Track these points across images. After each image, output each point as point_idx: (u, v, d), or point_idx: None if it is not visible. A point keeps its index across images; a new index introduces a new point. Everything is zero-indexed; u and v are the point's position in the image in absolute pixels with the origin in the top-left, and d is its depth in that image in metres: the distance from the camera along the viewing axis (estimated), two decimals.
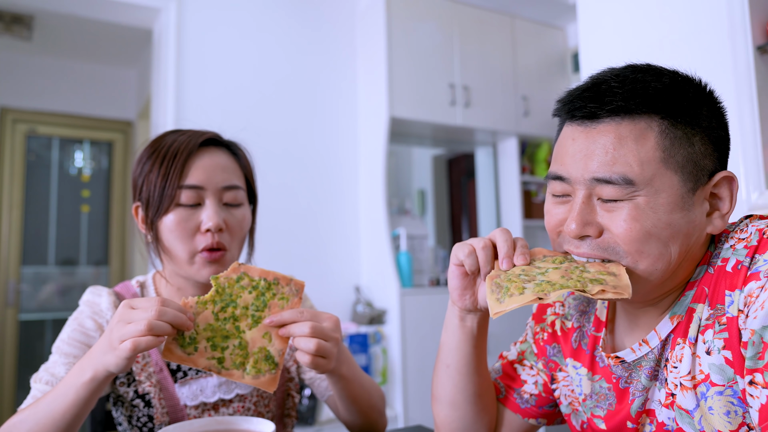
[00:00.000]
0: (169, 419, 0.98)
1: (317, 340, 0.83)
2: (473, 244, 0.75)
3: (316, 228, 3.07)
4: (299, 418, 2.49)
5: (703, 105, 0.68)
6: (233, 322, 0.84)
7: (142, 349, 0.75)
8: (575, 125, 0.70)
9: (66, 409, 0.79)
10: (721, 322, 0.64)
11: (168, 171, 0.97)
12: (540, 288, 0.64)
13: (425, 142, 3.74)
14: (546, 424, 0.92)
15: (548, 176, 0.73)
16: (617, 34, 2.15)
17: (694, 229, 0.67)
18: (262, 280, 0.86)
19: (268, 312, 0.86)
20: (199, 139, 1.01)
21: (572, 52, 3.69)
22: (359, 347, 2.74)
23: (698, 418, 0.66)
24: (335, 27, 3.24)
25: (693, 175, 0.66)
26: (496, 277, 0.70)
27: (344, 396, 1.00)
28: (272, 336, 0.85)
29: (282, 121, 3.03)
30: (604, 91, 0.67)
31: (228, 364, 0.82)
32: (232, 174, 1.02)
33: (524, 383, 0.91)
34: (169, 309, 0.78)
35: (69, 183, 4.18)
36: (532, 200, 3.65)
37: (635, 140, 0.65)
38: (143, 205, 1.00)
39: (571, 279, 0.65)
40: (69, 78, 4.15)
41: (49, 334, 4.01)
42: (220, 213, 0.98)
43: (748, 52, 1.68)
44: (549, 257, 0.72)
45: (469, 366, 0.84)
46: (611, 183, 0.65)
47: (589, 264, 0.69)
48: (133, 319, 0.77)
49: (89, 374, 0.78)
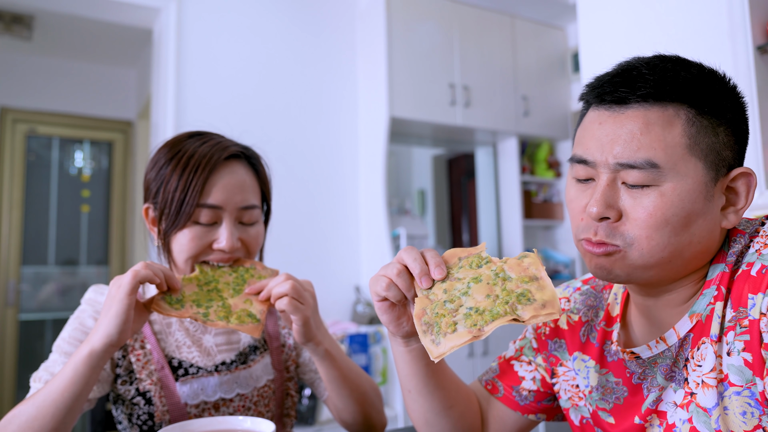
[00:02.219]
0: (169, 417, 0.98)
1: (291, 281, 0.90)
2: (387, 275, 0.72)
3: (316, 228, 3.07)
4: (299, 418, 2.49)
5: (727, 98, 0.69)
6: (217, 292, 0.93)
7: (141, 276, 0.82)
8: (602, 109, 0.70)
9: (65, 387, 0.79)
10: (742, 325, 0.64)
11: (187, 185, 0.95)
12: (471, 321, 0.63)
13: (425, 142, 3.75)
14: (546, 419, 0.92)
15: (571, 159, 0.73)
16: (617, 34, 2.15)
17: (708, 221, 0.67)
18: (240, 267, 0.98)
19: (247, 286, 0.95)
20: (223, 155, 0.98)
21: (572, 52, 3.69)
22: (359, 347, 2.74)
23: (716, 416, 0.66)
24: (335, 27, 3.24)
25: (715, 165, 0.67)
26: (422, 314, 0.67)
27: (333, 377, 1.00)
28: (253, 301, 0.94)
29: (282, 121, 3.03)
30: (635, 77, 0.68)
31: (212, 318, 0.89)
32: (250, 193, 1.01)
33: (522, 380, 0.91)
34: (155, 263, 0.86)
35: (69, 183, 4.18)
36: (532, 200, 3.65)
37: (662, 126, 0.66)
38: (157, 211, 0.99)
39: (498, 299, 0.64)
40: (69, 78, 4.15)
41: (49, 334, 4.01)
42: (235, 233, 0.98)
43: (748, 52, 1.68)
44: (464, 259, 0.71)
45: (428, 385, 0.84)
46: (635, 168, 0.65)
47: (506, 265, 0.68)
48: (124, 279, 0.83)
49: (86, 349, 0.81)
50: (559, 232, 3.79)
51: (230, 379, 1.03)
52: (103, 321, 0.81)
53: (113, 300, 0.82)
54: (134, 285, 0.81)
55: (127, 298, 0.81)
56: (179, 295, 0.89)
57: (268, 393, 1.07)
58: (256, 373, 1.06)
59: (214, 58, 2.90)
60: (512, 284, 0.65)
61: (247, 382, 1.04)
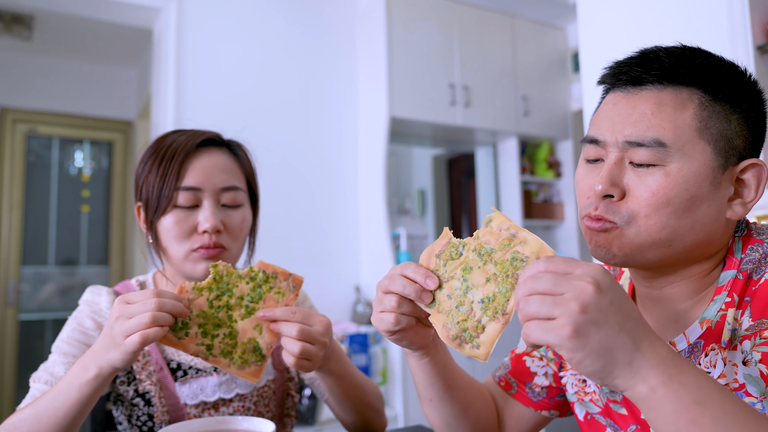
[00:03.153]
0: (169, 418, 0.98)
1: (303, 343, 0.83)
2: (389, 310, 0.69)
3: (316, 228, 3.07)
4: (299, 418, 2.49)
5: (745, 88, 0.69)
6: (226, 310, 0.84)
7: (151, 340, 0.76)
8: (618, 92, 0.71)
9: (69, 407, 0.79)
10: (762, 336, 0.64)
11: (165, 172, 0.97)
12: (491, 312, 0.62)
13: (425, 142, 3.74)
14: (559, 416, 0.92)
15: (583, 140, 0.74)
16: (617, 34, 2.15)
17: (712, 209, 0.67)
18: (261, 272, 0.86)
19: (262, 304, 0.85)
20: (198, 140, 1.00)
21: (572, 52, 3.69)
22: (359, 347, 2.74)
23: None
24: (335, 27, 3.24)
25: (724, 152, 0.66)
26: (447, 332, 0.65)
27: (335, 392, 1.00)
28: (263, 329, 0.85)
29: (282, 121, 3.03)
30: (652, 59, 0.69)
31: (216, 352, 0.83)
32: (231, 175, 1.02)
33: (534, 375, 0.91)
34: (167, 300, 0.79)
35: (69, 183, 4.18)
36: (532, 200, 3.65)
37: (674, 108, 0.66)
38: (143, 205, 1.01)
39: (498, 277, 0.63)
40: (69, 78, 4.15)
41: (49, 334, 4.01)
42: (217, 214, 0.98)
43: (748, 52, 1.68)
44: (442, 255, 0.69)
45: (448, 391, 0.84)
46: (643, 146, 0.66)
47: (481, 240, 0.66)
48: (134, 313, 0.76)
49: (93, 372, 0.78)
50: (559, 232, 3.78)
51: (229, 379, 1.03)
52: (110, 354, 0.78)
53: (119, 348, 0.77)
54: (143, 347, 0.77)
55: (134, 354, 0.77)
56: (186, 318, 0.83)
57: (268, 393, 1.07)
58: None
59: (214, 58, 2.90)
60: (498, 255, 0.64)
61: (247, 382, 1.04)
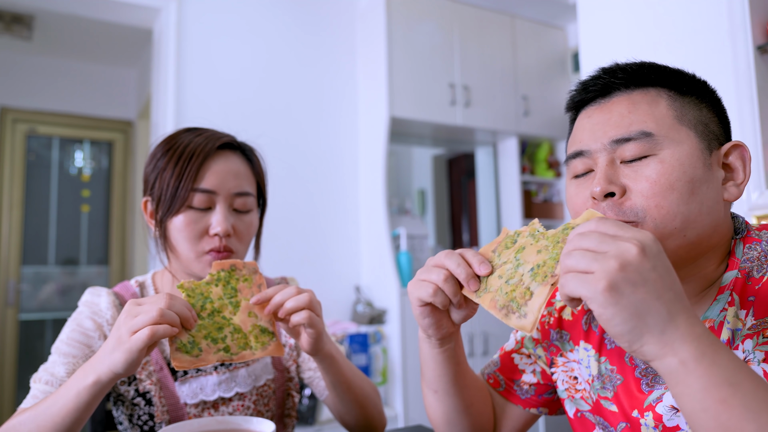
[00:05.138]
0: (169, 417, 0.98)
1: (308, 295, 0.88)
2: (432, 281, 0.70)
3: (316, 228, 3.07)
4: (299, 418, 2.49)
5: (704, 92, 0.74)
6: (217, 314, 0.86)
7: (159, 335, 0.75)
8: (589, 107, 0.75)
9: (67, 412, 0.78)
10: (765, 335, 0.64)
11: (182, 172, 0.98)
12: (540, 276, 0.61)
13: (425, 142, 3.75)
14: (548, 413, 0.92)
15: (567, 158, 0.75)
16: (617, 34, 2.15)
17: (712, 189, 0.68)
18: (220, 271, 0.89)
19: (240, 295, 0.89)
20: (216, 143, 1.01)
21: (572, 52, 3.69)
22: (359, 347, 2.74)
23: None
24: (335, 27, 3.24)
25: (705, 135, 0.70)
26: (494, 304, 0.64)
27: (337, 381, 1.00)
28: (255, 312, 0.89)
29: (282, 120, 3.03)
30: (615, 69, 0.73)
31: (235, 350, 0.85)
32: (244, 180, 1.03)
33: (522, 373, 0.91)
34: (177, 302, 0.79)
35: (69, 183, 4.18)
36: (532, 200, 3.65)
37: (648, 104, 0.70)
38: (154, 201, 1.01)
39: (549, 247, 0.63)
40: (69, 78, 4.15)
41: (49, 334, 4.01)
42: (229, 218, 0.99)
43: (748, 52, 1.68)
44: (498, 247, 0.70)
45: (456, 385, 0.84)
46: (631, 140, 0.68)
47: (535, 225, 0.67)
48: (143, 312, 0.76)
49: (92, 378, 0.77)
50: None
51: (229, 378, 1.03)
52: (113, 355, 0.76)
53: (123, 346, 0.75)
54: (150, 343, 0.76)
55: (140, 352, 0.76)
56: (189, 337, 0.81)
57: (267, 392, 1.07)
58: (256, 372, 1.06)
59: (214, 57, 2.90)
60: (551, 231, 0.65)
61: (246, 381, 1.04)
